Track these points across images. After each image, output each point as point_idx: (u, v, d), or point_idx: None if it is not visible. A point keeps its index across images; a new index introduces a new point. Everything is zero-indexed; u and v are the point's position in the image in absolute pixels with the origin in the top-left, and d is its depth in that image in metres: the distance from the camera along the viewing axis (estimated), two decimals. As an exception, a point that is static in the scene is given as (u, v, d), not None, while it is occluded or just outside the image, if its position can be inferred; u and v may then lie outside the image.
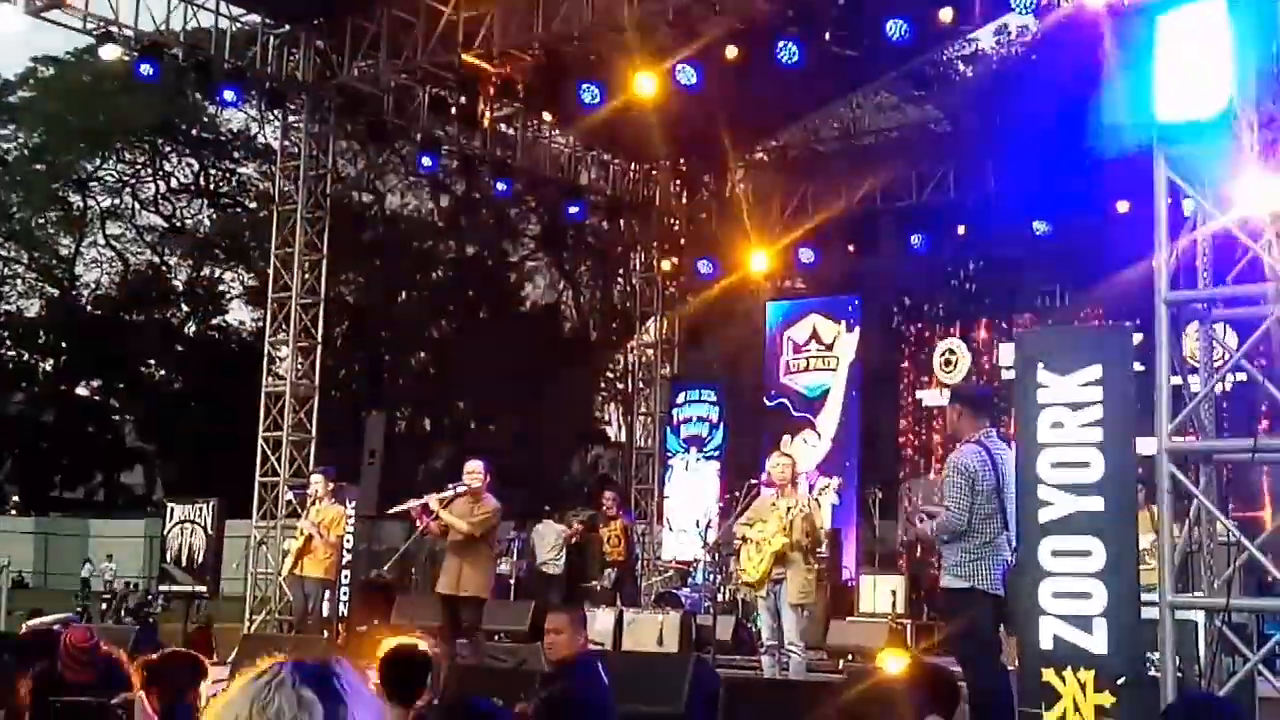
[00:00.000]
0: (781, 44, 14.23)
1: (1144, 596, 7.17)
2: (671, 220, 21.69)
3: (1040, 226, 17.41)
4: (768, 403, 19.90)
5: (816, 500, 10.45)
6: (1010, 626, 7.95)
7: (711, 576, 16.12)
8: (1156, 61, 5.73)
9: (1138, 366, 8.23)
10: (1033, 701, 7.23)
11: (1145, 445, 7.38)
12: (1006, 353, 17.57)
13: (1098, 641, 7.04)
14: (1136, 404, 7.30)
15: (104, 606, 25.39)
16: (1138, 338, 7.60)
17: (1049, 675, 7.20)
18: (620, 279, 34.56)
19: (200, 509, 15.10)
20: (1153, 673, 6.97)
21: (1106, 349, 7.28)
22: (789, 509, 10.15)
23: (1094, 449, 7.14)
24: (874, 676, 4.59)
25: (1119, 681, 6.96)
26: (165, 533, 15.29)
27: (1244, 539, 5.74)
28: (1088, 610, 7.09)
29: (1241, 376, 6.42)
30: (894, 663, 9.95)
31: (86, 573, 28.32)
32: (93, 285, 38.31)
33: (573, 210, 20.11)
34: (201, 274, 38.70)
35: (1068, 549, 7.18)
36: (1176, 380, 6.65)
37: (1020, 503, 7.49)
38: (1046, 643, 7.23)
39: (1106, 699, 6.97)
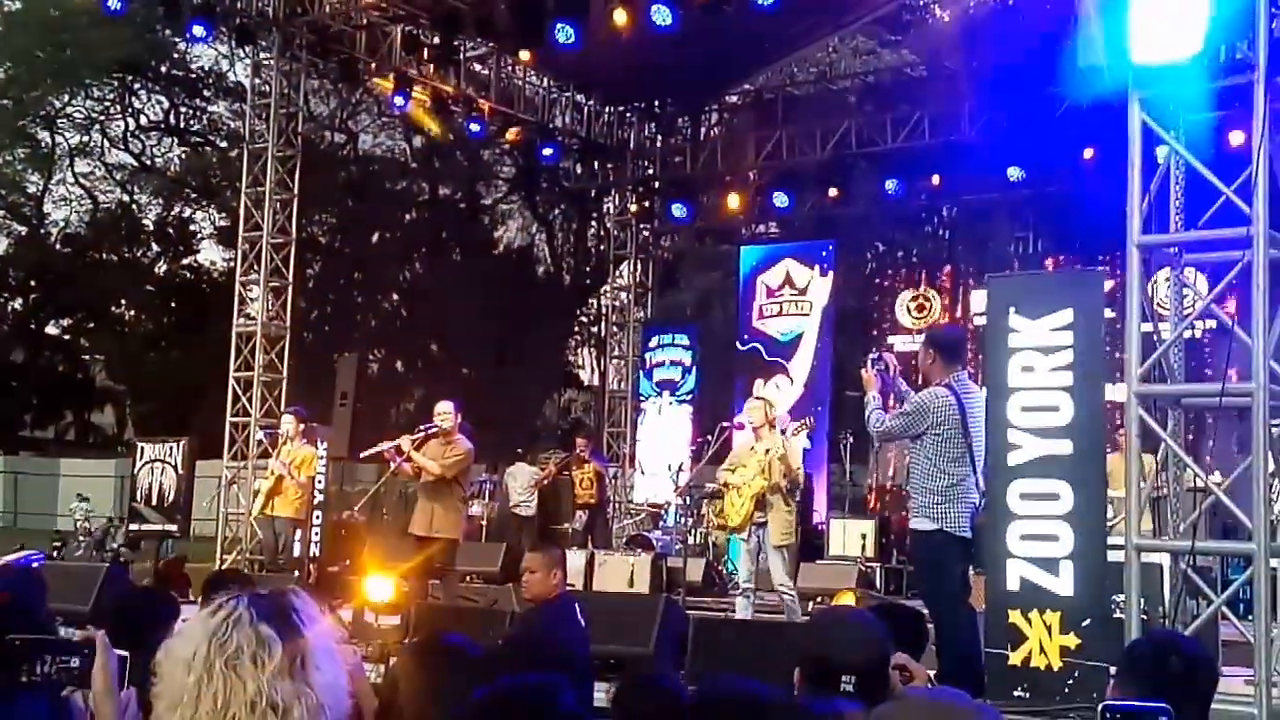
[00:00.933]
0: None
1: (1110, 540, 7.25)
2: (646, 163, 21.58)
3: (1014, 173, 17.39)
4: (740, 347, 19.90)
5: (783, 446, 10.45)
6: (978, 568, 8.03)
7: (683, 519, 16.20)
8: (1131, 4, 5.69)
9: (1108, 314, 8.27)
10: (999, 642, 7.31)
11: (1118, 393, 7.42)
12: (979, 299, 17.61)
13: (1064, 584, 7.11)
14: (1107, 349, 7.35)
15: (78, 548, 25.33)
16: (1109, 284, 7.64)
17: (1015, 617, 7.28)
18: (594, 222, 34.43)
19: (170, 448, 15.04)
20: (1118, 615, 7.05)
21: (1078, 293, 7.31)
22: (767, 451, 10.23)
23: (1064, 393, 7.18)
24: (840, 613, 4.61)
25: (1084, 623, 7.05)
26: (135, 472, 15.22)
27: (1210, 483, 5.78)
28: (1054, 553, 7.16)
29: (1213, 324, 6.48)
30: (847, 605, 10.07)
31: (82, 514, 28.09)
32: (62, 223, 37.94)
33: (547, 152, 19.96)
34: (172, 213, 38.33)
35: (1036, 492, 7.24)
36: (1147, 327, 6.68)
37: (989, 446, 7.54)
38: (1013, 584, 7.30)
39: (1072, 640, 7.05)
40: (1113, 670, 3.68)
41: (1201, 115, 5.94)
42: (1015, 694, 7.07)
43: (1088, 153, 16.25)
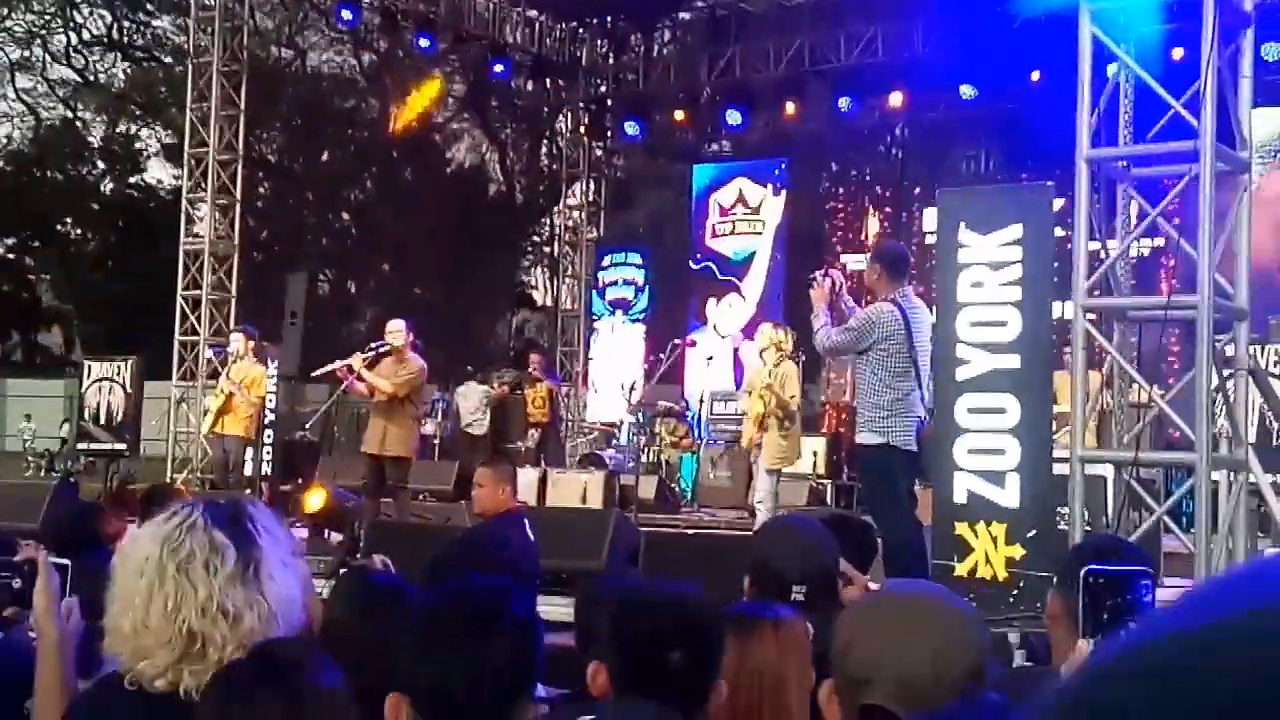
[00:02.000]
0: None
1: (1057, 453, 7.34)
2: (598, 81, 21.37)
3: (967, 90, 17.35)
4: (693, 266, 19.90)
5: (772, 371, 10.69)
6: (925, 482, 8.11)
7: (636, 437, 16.26)
8: (1085, -85, 5.66)
9: (1059, 232, 8.31)
10: (945, 554, 7.40)
11: (1069, 310, 7.47)
12: (931, 216, 17.63)
13: (1010, 496, 7.20)
14: (1055, 264, 7.39)
15: (27, 468, 25.19)
16: (1059, 203, 7.65)
17: (962, 529, 7.37)
18: (547, 141, 34.13)
19: (119, 367, 14.90)
20: (1062, 527, 7.16)
21: (1027, 208, 7.31)
22: (770, 374, 10.63)
23: (1012, 308, 7.22)
24: (788, 522, 4.64)
25: (1029, 534, 7.16)
26: (83, 391, 15.09)
27: (1154, 395, 5.85)
28: (1001, 466, 7.23)
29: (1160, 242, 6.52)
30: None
31: (30, 434, 27.85)
32: (4, 140, 37.25)
33: (498, 69, 19.72)
34: (117, 130, 37.69)
35: (983, 406, 7.30)
36: (1095, 245, 6.71)
37: (938, 361, 7.58)
38: (960, 497, 7.38)
39: (1017, 551, 7.15)
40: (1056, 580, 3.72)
41: (1151, 28, 5.93)
42: (961, 604, 7.18)
43: (1035, 74, 16.23)
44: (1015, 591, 7.06)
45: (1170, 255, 6.07)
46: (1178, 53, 9.93)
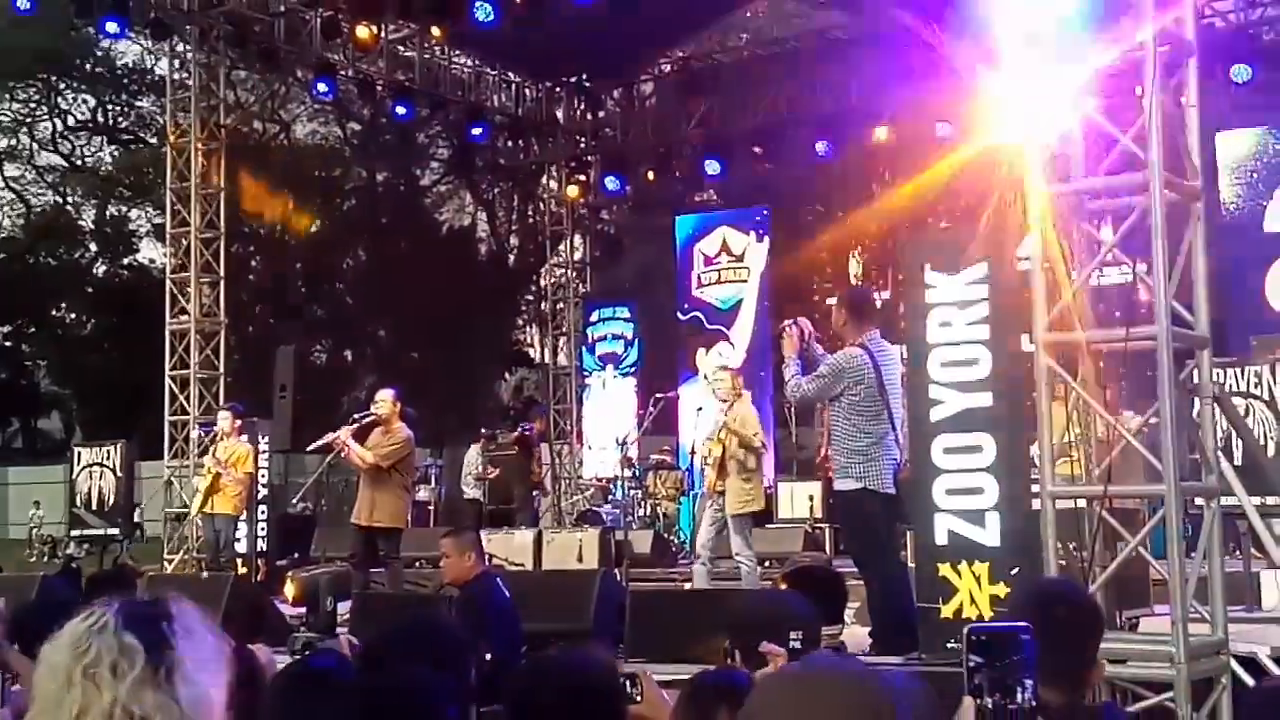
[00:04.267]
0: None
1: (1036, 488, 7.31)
2: (579, 138, 21.49)
3: (943, 129, 17.42)
4: (681, 317, 19.91)
5: (729, 415, 10.50)
6: (906, 525, 8.08)
7: (631, 492, 16.23)
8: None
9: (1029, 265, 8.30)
10: (930, 596, 7.36)
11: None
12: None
13: (990, 534, 7.17)
14: (1024, 299, 7.39)
15: (32, 555, 25.16)
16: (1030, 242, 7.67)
17: (945, 570, 7.33)
18: (534, 199, 34.30)
19: (109, 451, 14.93)
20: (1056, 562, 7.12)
21: (991, 246, 7.34)
22: (730, 421, 10.39)
23: (981, 346, 7.23)
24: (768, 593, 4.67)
25: (1012, 572, 7.12)
26: (74, 477, 15.07)
27: (1120, 426, 5.83)
28: (980, 505, 7.22)
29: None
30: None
31: (36, 521, 27.91)
32: (-5, 229, 37.50)
33: (475, 132, 19.86)
34: (108, 213, 37.91)
35: (959, 446, 7.28)
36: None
37: (912, 403, 7.59)
38: (941, 538, 7.35)
39: (1001, 589, 7.11)
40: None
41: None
42: (949, 646, 7.12)
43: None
44: (1001, 631, 7.01)
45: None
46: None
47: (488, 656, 4.65)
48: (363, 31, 16.41)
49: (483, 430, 18.43)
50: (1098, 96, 6.21)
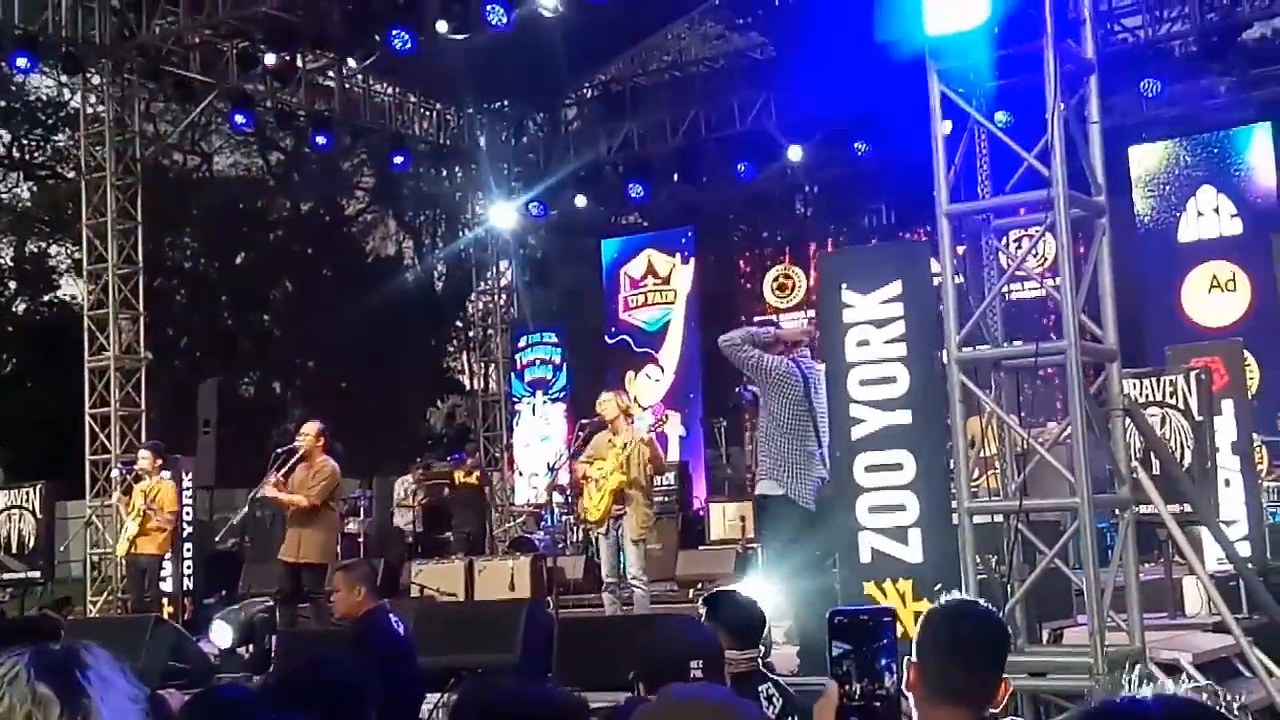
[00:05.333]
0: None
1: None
2: (501, 164, 21.45)
3: (861, 147, 17.57)
4: (609, 340, 19.93)
5: (648, 435, 10.41)
6: (829, 546, 8.11)
7: (562, 517, 16.16)
8: (921, -25, 5.77)
9: (958, 279, 8.39)
10: (855, 615, 7.40)
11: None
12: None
13: (913, 552, 7.21)
14: (938, 316, 7.46)
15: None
16: (961, 249, 7.75)
17: (870, 588, 7.36)
18: (459, 226, 34.19)
19: (27, 493, 14.62)
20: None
21: (904, 265, 7.40)
22: (624, 445, 10.19)
23: (899, 364, 7.27)
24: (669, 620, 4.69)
25: (936, 588, 7.15)
26: (-9, 521, 14.78)
27: (1034, 442, 5.89)
28: (902, 521, 7.25)
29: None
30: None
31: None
32: (-90, 267, 36.73)
33: (397, 160, 19.77)
34: (26, 249, 37.25)
35: (880, 464, 7.32)
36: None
37: (834, 423, 7.61)
38: (865, 556, 7.38)
39: (924, 606, 7.12)
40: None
41: (999, 82, 6.04)
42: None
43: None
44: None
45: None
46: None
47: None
48: (278, 61, 16.25)
49: (417, 459, 18.31)
50: (1001, 114, 6.31)
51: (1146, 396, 8.83)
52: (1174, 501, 7.46)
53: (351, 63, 17.37)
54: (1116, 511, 5.94)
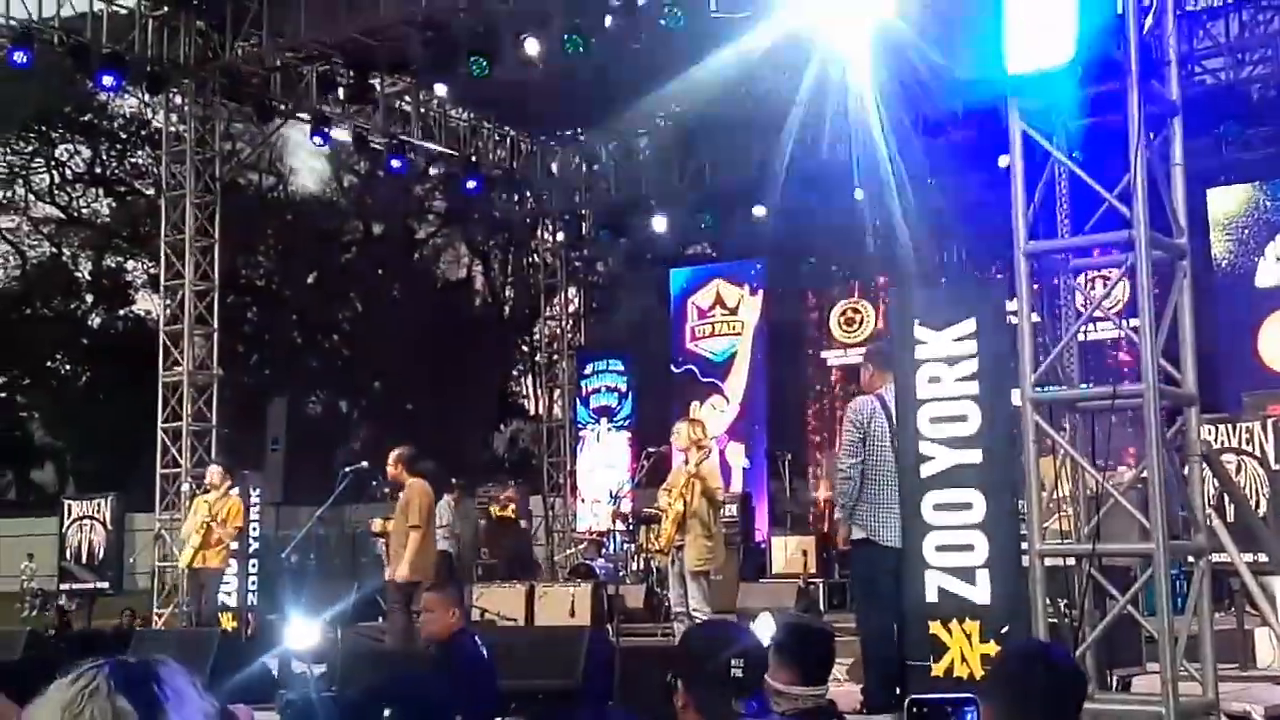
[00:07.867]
0: (667, 8, 14.14)
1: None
2: (573, 191, 21.57)
3: (930, 182, 17.48)
4: (675, 370, 19.91)
5: (697, 467, 10.34)
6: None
7: (624, 546, 16.14)
8: (1005, 13, 5.74)
9: (1035, 318, 8.32)
10: (920, 654, 7.30)
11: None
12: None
13: (981, 592, 7.12)
14: (1012, 356, 7.38)
15: (23, 609, 25.03)
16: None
17: (935, 627, 7.28)
18: (528, 252, 34.41)
19: (99, 504, 14.84)
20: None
21: (978, 302, 7.33)
22: (686, 476, 10.20)
23: (971, 402, 7.20)
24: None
25: (1003, 630, 7.06)
26: (63, 530, 14.99)
27: (1108, 485, 5.81)
28: (970, 562, 7.16)
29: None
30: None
31: (29, 574, 27.81)
32: (-9, 280, 37.54)
33: (470, 185, 19.92)
34: (104, 264, 37.97)
35: (949, 502, 7.25)
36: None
37: (902, 458, 7.55)
38: (932, 595, 7.30)
39: (991, 648, 7.05)
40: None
41: (1082, 121, 5.99)
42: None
43: (1004, 160, 16.35)
44: (993, 690, 6.95)
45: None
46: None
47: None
48: (357, 85, 16.48)
49: (452, 480, 18.32)
50: (1083, 153, 6.25)
51: (1222, 442, 8.69)
52: (1249, 550, 7.34)
53: (440, 89, 17.53)
54: (1190, 559, 5.83)
